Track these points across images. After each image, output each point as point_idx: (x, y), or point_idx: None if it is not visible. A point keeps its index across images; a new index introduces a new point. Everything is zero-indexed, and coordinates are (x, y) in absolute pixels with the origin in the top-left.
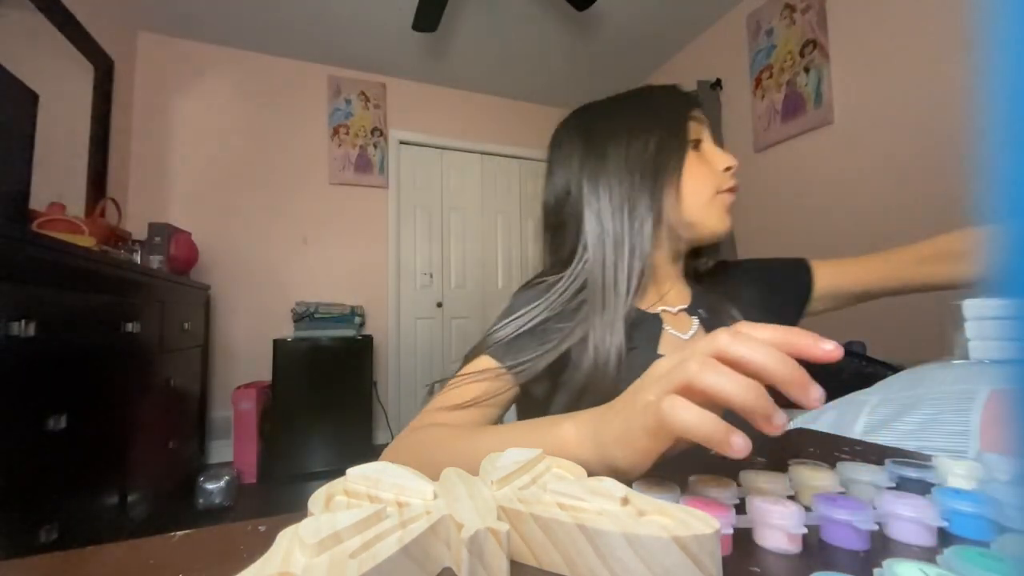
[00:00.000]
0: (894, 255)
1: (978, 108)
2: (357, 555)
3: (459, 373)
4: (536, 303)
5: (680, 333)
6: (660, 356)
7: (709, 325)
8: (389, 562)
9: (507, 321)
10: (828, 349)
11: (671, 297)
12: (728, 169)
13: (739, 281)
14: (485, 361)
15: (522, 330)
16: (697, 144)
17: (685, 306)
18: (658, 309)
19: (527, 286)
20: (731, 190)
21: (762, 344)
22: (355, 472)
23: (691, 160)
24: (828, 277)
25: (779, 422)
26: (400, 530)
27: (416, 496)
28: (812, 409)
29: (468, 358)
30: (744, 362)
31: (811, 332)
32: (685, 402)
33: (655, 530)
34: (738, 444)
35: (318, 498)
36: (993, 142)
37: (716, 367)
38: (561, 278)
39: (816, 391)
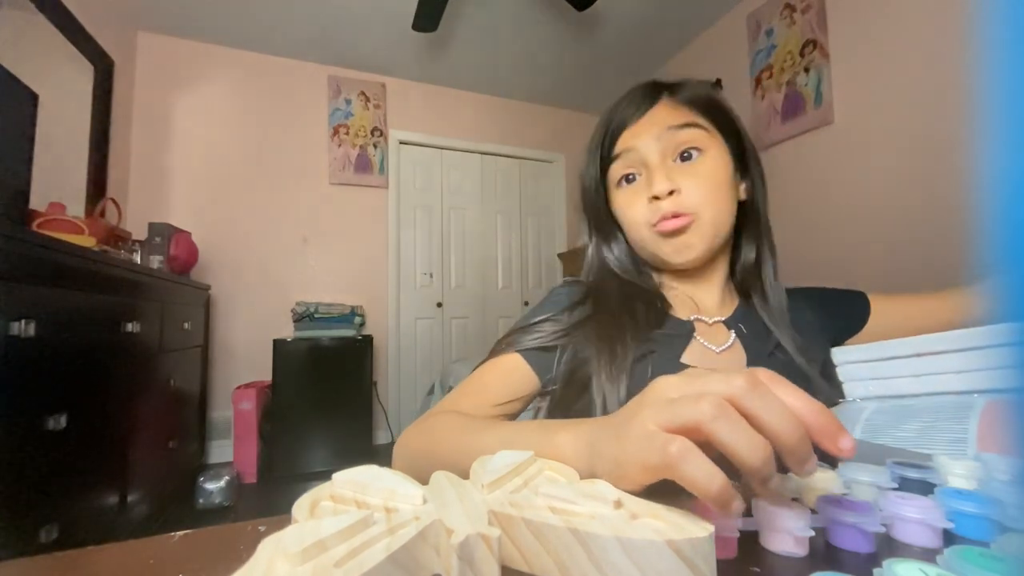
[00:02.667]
0: (949, 299)
1: (978, 108)
2: (342, 564)
3: (489, 361)
4: (563, 308)
5: (713, 345)
6: (684, 366)
7: (747, 343)
8: (376, 570)
9: (539, 320)
10: (845, 447)
11: (708, 306)
12: (655, 199)
13: (791, 304)
14: (514, 361)
15: (550, 339)
16: (630, 177)
17: (724, 318)
18: (692, 317)
19: (570, 282)
20: (664, 221)
21: (781, 406)
22: (342, 477)
23: (626, 192)
24: (883, 315)
25: (772, 485)
26: (388, 537)
27: (405, 501)
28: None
29: (498, 347)
30: (757, 420)
31: (835, 418)
32: (699, 456)
33: (649, 534)
34: (736, 510)
35: (303, 504)
36: (993, 142)
37: (731, 418)
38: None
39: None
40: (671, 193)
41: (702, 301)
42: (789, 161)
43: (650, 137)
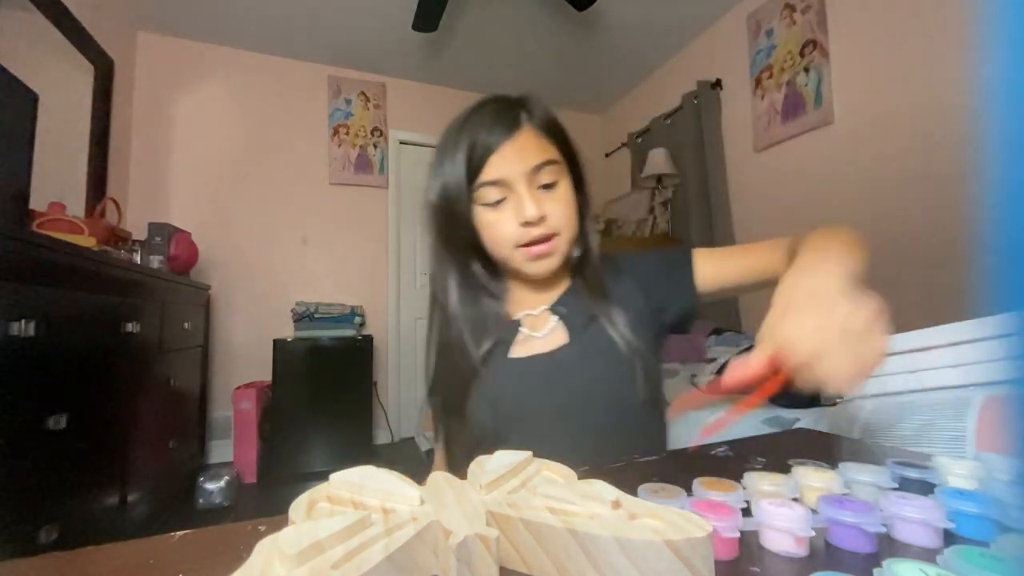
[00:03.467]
0: (772, 249)
1: (978, 107)
2: (340, 566)
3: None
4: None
5: (536, 332)
6: (514, 360)
7: (568, 322)
8: (374, 572)
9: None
10: None
11: (534, 297)
12: (526, 225)
13: (618, 275)
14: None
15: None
16: (499, 202)
17: (548, 306)
18: (521, 313)
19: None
20: (535, 245)
21: None
22: (339, 477)
23: (492, 212)
24: (711, 272)
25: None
26: (385, 538)
27: (402, 502)
28: None
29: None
30: None
31: None
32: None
33: (647, 534)
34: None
35: (299, 505)
36: (993, 140)
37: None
38: None
39: None
40: (541, 218)
41: (535, 294)
42: (789, 161)
43: (519, 169)
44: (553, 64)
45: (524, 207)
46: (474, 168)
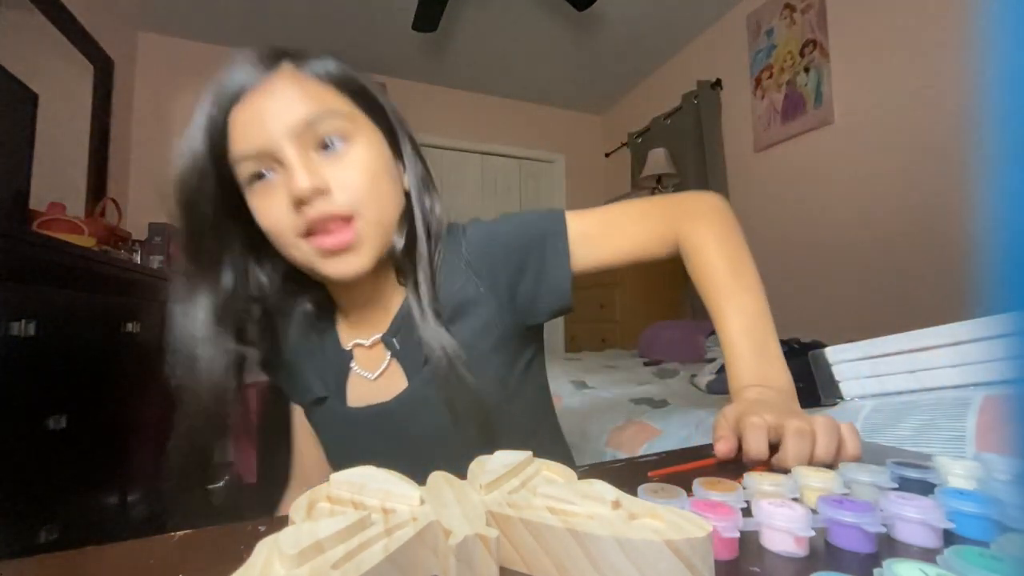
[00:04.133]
0: (648, 229)
1: (978, 107)
2: (340, 566)
3: None
4: None
5: (368, 372)
6: (352, 410)
7: (403, 359)
8: (374, 572)
9: None
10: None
11: (370, 318)
12: (298, 203)
13: (469, 264)
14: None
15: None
16: (262, 175)
17: (382, 333)
18: (351, 343)
19: None
20: (322, 236)
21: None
22: (339, 477)
23: (259, 192)
24: (587, 261)
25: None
26: (385, 538)
27: (402, 502)
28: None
29: None
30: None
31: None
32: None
33: (647, 534)
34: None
35: (299, 505)
36: (993, 140)
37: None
38: None
39: None
40: (319, 193)
41: (363, 313)
42: (789, 161)
43: (278, 126)
44: (553, 64)
45: (292, 177)
46: (220, 137)
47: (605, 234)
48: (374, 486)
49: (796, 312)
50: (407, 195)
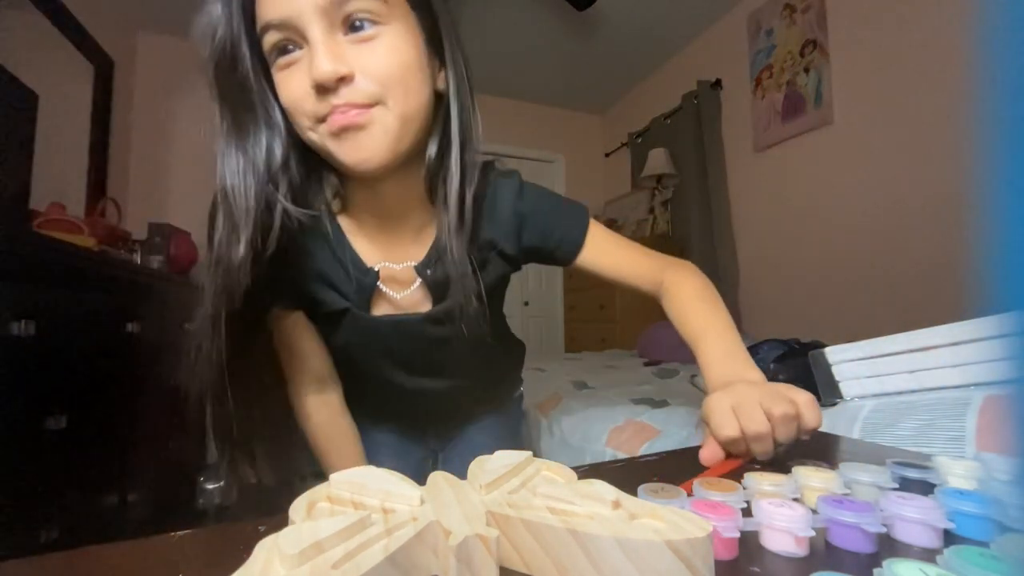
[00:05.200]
0: (648, 268)
1: (978, 107)
2: (340, 565)
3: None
4: None
5: (393, 292)
6: (377, 319)
7: (434, 288)
8: (374, 572)
9: None
10: None
11: (402, 240)
12: (321, 91)
13: (496, 201)
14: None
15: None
16: (287, 48)
17: (415, 262)
18: (379, 264)
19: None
20: (336, 114)
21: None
22: (339, 477)
23: (283, 69)
24: (593, 260)
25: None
26: (385, 538)
27: (402, 502)
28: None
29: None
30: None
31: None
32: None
33: (647, 534)
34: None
35: (299, 505)
36: (992, 140)
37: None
38: None
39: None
40: (342, 80)
41: (394, 232)
42: (789, 161)
43: (307, 2)
44: (553, 64)
45: (314, 58)
46: (246, 4)
47: (614, 248)
48: (374, 486)
49: (796, 312)
50: (440, 96)
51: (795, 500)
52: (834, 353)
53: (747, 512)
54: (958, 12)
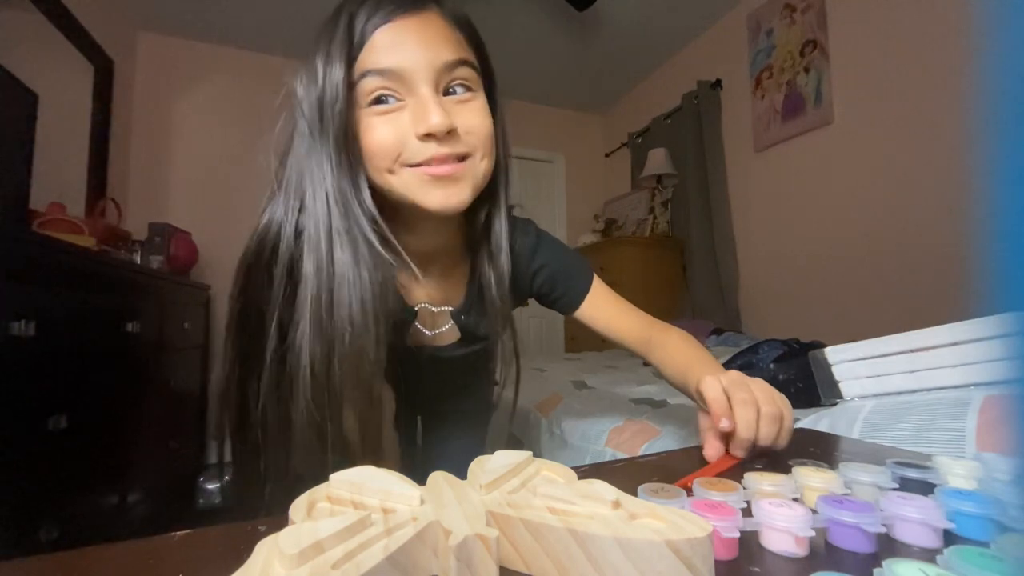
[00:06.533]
0: (639, 328)
1: (978, 107)
2: (339, 566)
3: None
4: None
5: (427, 330)
6: (412, 348)
7: (466, 330)
8: (374, 572)
9: None
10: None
11: (439, 289)
12: (428, 136)
13: (519, 255)
14: None
15: None
16: (384, 98)
17: (452, 308)
18: (421, 304)
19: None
20: (439, 164)
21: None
22: (339, 477)
23: (378, 117)
24: (589, 316)
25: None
26: (385, 538)
27: (402, 502)
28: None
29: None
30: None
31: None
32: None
33: (648, 534)
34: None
35: (299, 505)
36: (993, 139)
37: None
38: None
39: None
40: (449, 133)
41: (425, 271)
42: (789, 161)
43: (422, 59)
44: (553, 64)
45: (428, 111)
46: (355, 46)
47: (609, 310)
48: (374, 486)
49: (796, 312)
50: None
51: (795, 500)
52: (834, 353)
53: (747, 512)
54: (958, 12)
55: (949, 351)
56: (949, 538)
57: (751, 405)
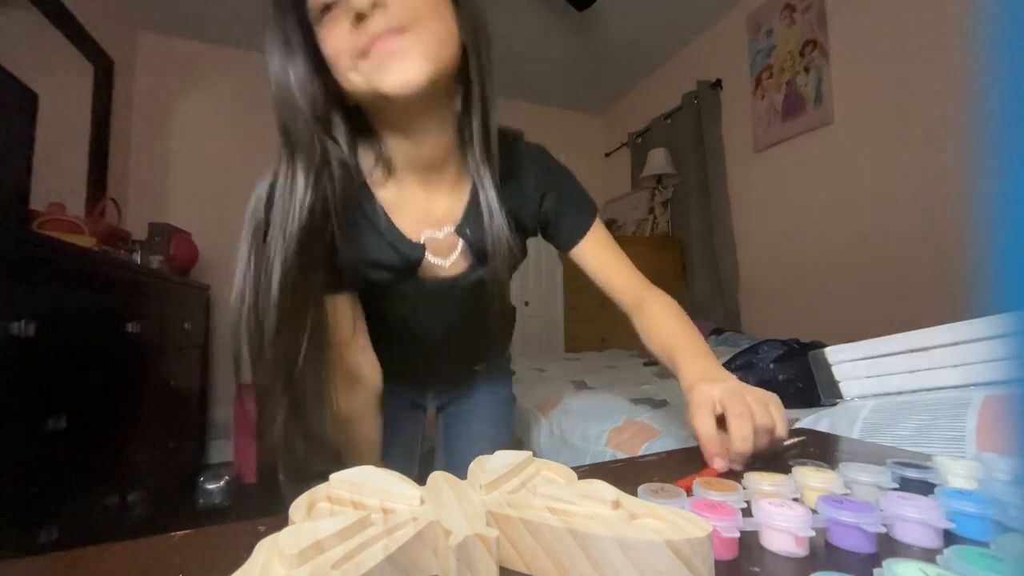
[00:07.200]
0: (628, 282)
1: (978, 107)
2: (339, 566)
3: None
4: None
5: (440, 260)
6: (425, 283)
7: (474, 248)
8: (374, 572)
9: None
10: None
11: (439, 209)
12: (358, 21)
13: (518, 170)
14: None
15: None
16: (328, 6)
17: (455, 225)
18: (423, 236)
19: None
20: (378, 42)
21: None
22: (339, 477)
23: (327, 26)
24: (585, 254)
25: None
26: (385, 538)
27: (402, 502)
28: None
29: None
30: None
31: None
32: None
33: (648, 534)
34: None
35: (299, 505)
36: (993, 141)
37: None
38: None
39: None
40: (375, 6)
41: (433, 187)
42: (789, 161)
43: None
44: (553, 64)
45: None
46: None
47: (605, 253)
48: (374, 486)
49: (796, 312)
50: (464, 49)
51: (795, 500)
52: (834, 353)
53: (747, 512)
54: (958, 12)
55: (949, 351)
56: (949, 538)
57: (747, 418)
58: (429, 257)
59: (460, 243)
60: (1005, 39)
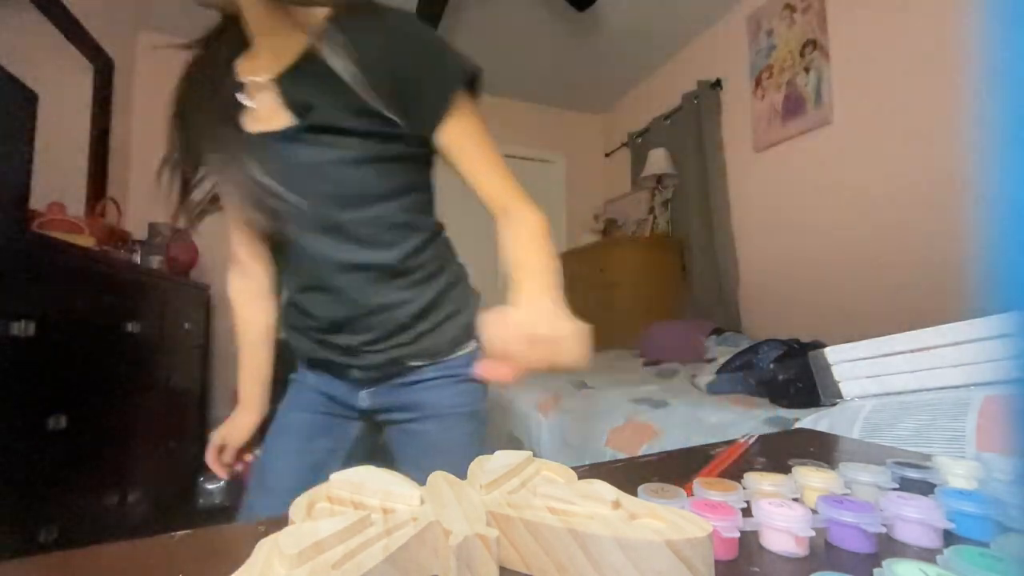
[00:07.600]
0: (489, 178)
1: (978, 107)
2: (340, 565)
3: None
4: None
5: (252, 102)
6: (247, 132)
7: (294, 107)
8: (374, 572)
9: None
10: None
11: (267, 54)
12: None
13: (370, 50)
14: None
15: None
16: None
17: (274, 75)
18: (248, 77)
19: None
20: None
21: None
22: (339, 477)
23: None
24: (449, 142)
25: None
26: (385, 538)
27: (402, 502)
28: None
29: None
30: None
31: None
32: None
33: (648, 534)
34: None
35: (300, 505)
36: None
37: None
38: None
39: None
40: None
41: (269, 44)
42: (789, 161)
43: None
44: (553, 64)
45: None
46: None
47: (478, 149)
48: (374, 486)
49: (796, 312)
50: None
51: (795, 500)
52: (834, 353)
53: (747, 512)
54: (958, 12)
55: (949, 351)
56: (949, 538)
57: (516, 343)
58: (243, 99)
59: (277, 89)
60: (1005, 39)
